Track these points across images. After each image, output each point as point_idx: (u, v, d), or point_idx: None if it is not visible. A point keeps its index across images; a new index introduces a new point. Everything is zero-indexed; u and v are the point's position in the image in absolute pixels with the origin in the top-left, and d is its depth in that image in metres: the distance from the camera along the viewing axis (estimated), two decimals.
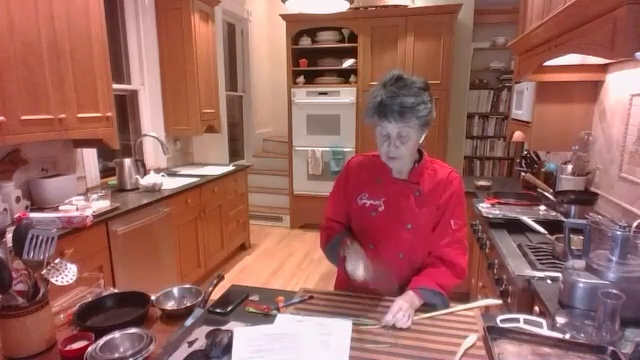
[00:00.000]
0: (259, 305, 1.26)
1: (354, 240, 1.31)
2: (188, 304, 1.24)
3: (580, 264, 1.25)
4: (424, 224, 1.32)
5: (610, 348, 0.97)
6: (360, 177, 1.39)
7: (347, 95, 4.47)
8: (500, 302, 1.35)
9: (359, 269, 1.18)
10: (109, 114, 2.59)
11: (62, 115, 2.22)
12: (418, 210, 1.31)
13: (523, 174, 2.85)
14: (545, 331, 1.08)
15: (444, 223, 1.33)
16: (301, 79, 4.68)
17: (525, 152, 3.02)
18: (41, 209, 2.32)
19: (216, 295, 1.29)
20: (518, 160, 3.72)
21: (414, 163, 1.33)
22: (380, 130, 1.24)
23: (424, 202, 1.32)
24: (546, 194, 2.23)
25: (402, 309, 1.15)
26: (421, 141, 1.27)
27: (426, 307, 1.23)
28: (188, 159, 4.23)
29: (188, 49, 3.56)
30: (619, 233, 1.16)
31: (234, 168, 4.00)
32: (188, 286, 1.34)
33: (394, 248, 1.33)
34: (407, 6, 4.35)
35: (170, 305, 1.26)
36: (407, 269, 1.35)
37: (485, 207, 2.27)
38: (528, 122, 2.43)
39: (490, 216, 2.09)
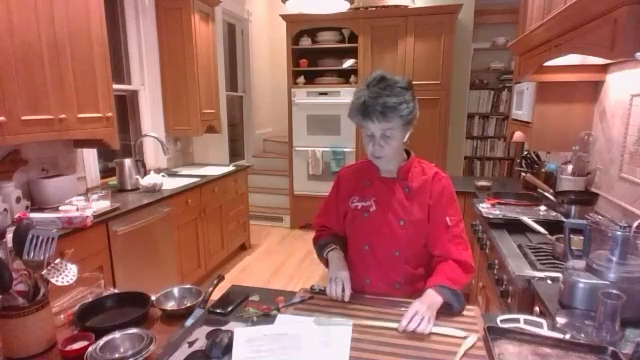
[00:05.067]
0: (259, 305, 1.26)
1: (339, 252, 1.39)
2: (188, 304, 1.24)
3: (580, 264, 1.25)
4: (416, 219, 1.33)
5: (610, 348, 0.97)
6: (350, 183, 1.43)
7: (347, 95, 4.45)
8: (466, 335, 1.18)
9: (337, 291, 1.27)
10: (109, 114, 2.59)
11: (62, 115, 2.22)
12: (408, 206, 1.33)
13: (523, 174, 2.84)
14: (545, 331, 1.08)
15: (439, 221, 1.33)
16: (301, 79, 4.68)
17: (525, 152, 3.02)
18: (41, 209, 2.32)
19: (216, 295, 1.29)
20: (518, 160, 3.71)
21: (402, 161, 1.37)
22: (364, 130, 1.28)
23: (413, 197, 1.34)
24: (546, 194, 2.23)
25: (418, 312, 1.12)
26: (405, 139, 1.30)
27: (442, 309, 1.19)
28: (188, 159, 4.23)
29: (188, 49, 3.55)
30: (619, 233, 1.16)
31: (234, 168, 4.00)
32: (188, 286, 1.34)
33: (389, 246, 1.34)
34: (407, 6, 4.35)
35: (170, 305, 1.26)
36: (403, 266, 1.36)
37: (485, 207, 2.27)
38: (528, 122, 2.43)
39: (490, 216, 2.09)
